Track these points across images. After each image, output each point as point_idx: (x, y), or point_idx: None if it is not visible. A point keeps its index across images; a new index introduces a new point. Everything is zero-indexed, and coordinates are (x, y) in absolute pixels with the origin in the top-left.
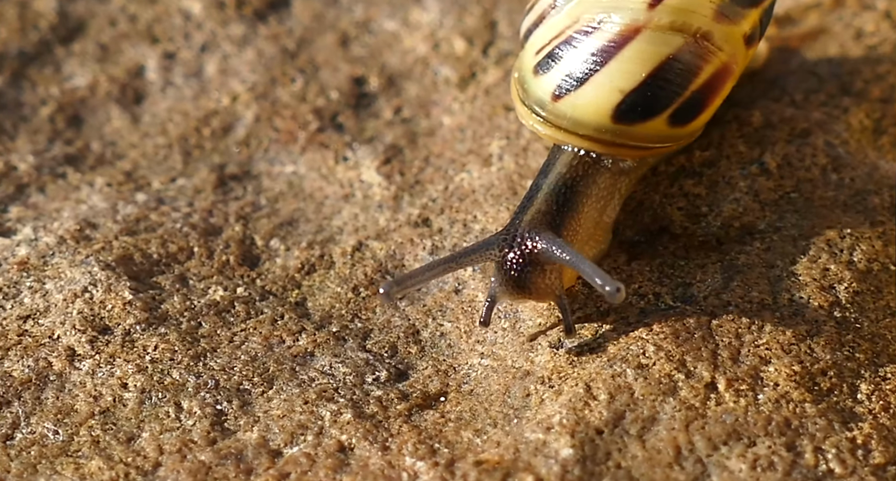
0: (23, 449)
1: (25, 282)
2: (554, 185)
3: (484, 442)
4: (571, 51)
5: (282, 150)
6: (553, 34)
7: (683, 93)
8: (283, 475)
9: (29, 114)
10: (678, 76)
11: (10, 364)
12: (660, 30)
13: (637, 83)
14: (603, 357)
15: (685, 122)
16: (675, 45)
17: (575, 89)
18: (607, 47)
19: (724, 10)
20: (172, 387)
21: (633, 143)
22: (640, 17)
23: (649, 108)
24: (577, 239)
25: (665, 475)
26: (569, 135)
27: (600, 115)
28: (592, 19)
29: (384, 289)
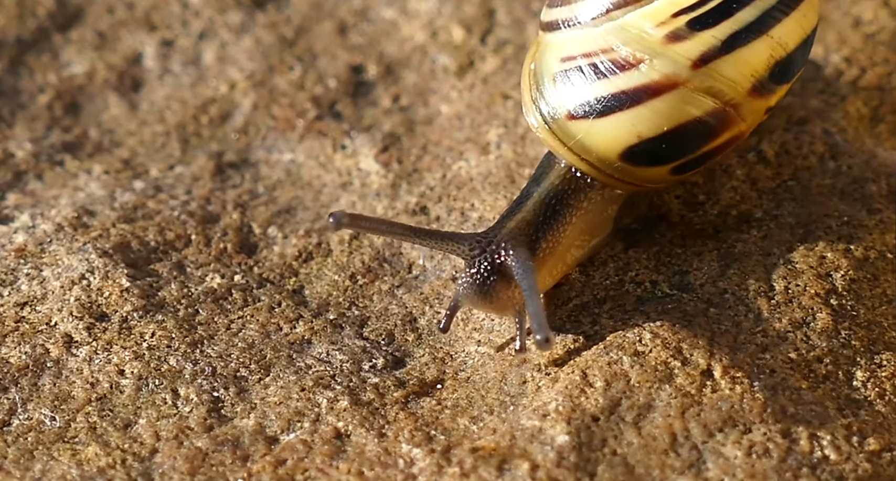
0: (20, 435)
1: (23, 269)
2: (545, 195)
3: (480, 429)
4: (602, 79)
5: (280, 138)
6: (584, 50)
7: (696, 152)
8: (279, 461)
9: (27, 101)
10: (697, 137)
11: (7, 350)
12: (695, 91)
13: (657, 133)
14: (599, 344)
15: (684, 173)
16: (704, 109)
17: (594, 118)
18: (639, 90)
19: (761, 85)
20: (169, 374)
21: (628, 180)
22: (682, 73)
23: (659, 158)
24: (555, 252)
25: (661, 461)
26: (569, 153)
27: (610, 150)
28: (631, 55)
29: (335, 217)
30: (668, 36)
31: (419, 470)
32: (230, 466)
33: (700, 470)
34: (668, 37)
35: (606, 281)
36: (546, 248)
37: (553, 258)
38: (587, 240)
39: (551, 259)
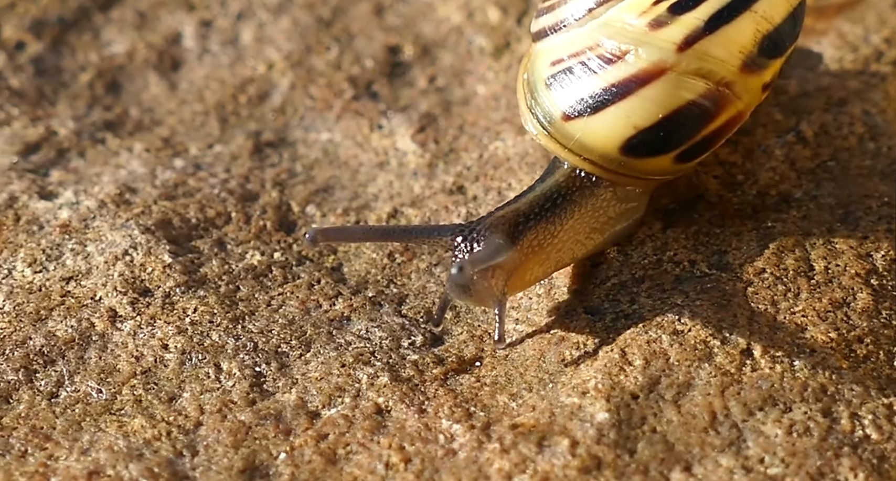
0: (67, 406)
1: (67, 244)
2: (547, 190)
3: (519, 406)
4: (591, 75)
5: (317, 118)
6: (572, 50)
7: (695, 136)
8: (321, 436)
9: (69, 80)
10: (694, 121)
11: (53, 324)
12: (685, 74)
13: (653, 122)
14: (638, 323)
15: (689, 160)
16: (697, 92)
17: (588, 115)
18: (629, 81)
19: (751, 61)
20: (212, 349)
21: (633, 174)
22: (668, 58)
23: (659, 147)
24: (546, 245)
25: (700, 439)
26: (571, 155)
27: (609, 145)
28: (616, 48)
29: (310, 235)
30: (650, 24)
31: (459, 445)
32: (273, 440)
33: (740, 449)
34: (650, 24)
35: (644, 260)
36: (534, 240)
37: (544, 251)
38: (597, 237)
39: (541, 251)
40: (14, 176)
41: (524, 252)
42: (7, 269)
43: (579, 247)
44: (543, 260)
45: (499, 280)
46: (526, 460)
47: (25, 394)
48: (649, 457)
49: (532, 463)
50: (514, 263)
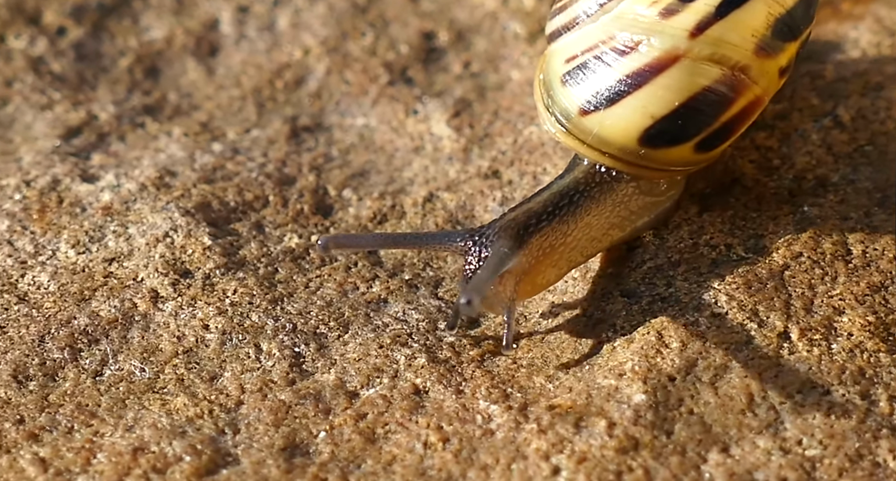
0: (112, 385)
1: (109, 226)
2: (564, 187)
3: (556, 388)
4: (605, 68)
5: (353, 103)
6: (586, 46)
7: (714, 123)
8: (360, 415)
9: (108, 65)
10: (711, 107)
11: (97, 304)
12: (699, 60)
13: (669, 110)
14: (675, 306)
15: (710, 149)
16: (712, 77)
17: (604, 108)
18: (643, 71)
19: (765, 44)
20: (252, 330)
21: (655, 166)
22: (681, 45)
23: (678, 136)
24: (559, 245)
25: (738, 421)
26: (591, 150)
27: (628, 136)
28: (629, 39)
29: (321, 243)
30: (661, 13)
31: (497, 425)
32: (313, 418)
33: (778, 431)
34: (661, 13)
35: (681, 244)
36: (544, 241)
37: (556, 252)
38: (615, 233)
39: (552, 253)
40: (57, 159)
41: (534, 255)
42: (51, 250)
43: (595, 245)
44: (556, 260)
45: (507, 285)
46: (563, 440)
47: (71, 373)
48: (686, 438)
49: (569, 444)
50: (522, 267)
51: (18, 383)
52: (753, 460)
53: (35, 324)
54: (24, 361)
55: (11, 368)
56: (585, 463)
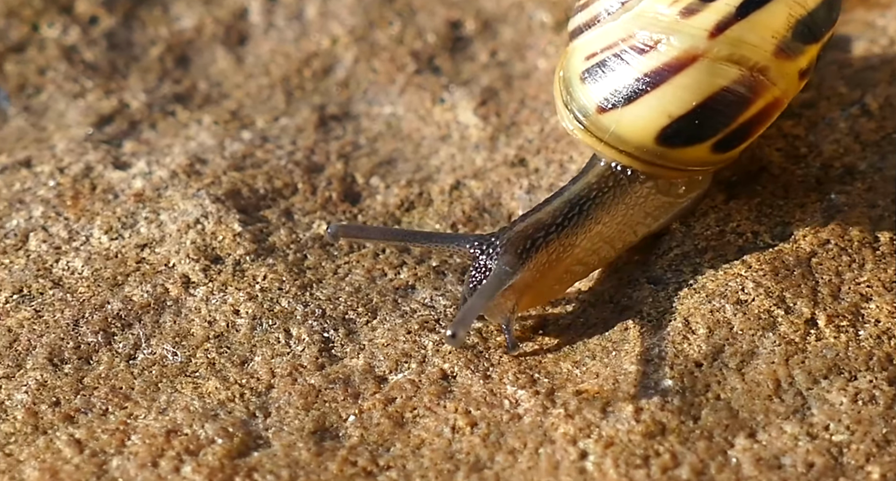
0: (145, 368)
1: (141, 212)
2: (574, 195)
3: (583, 373)
4: (623, 66)
5: (380, 92)
6: (605, 43)
7: (731, 124)
8: (389, 400)
9: (139, 53)
10: (729, 108)
11: (129, 289)
12: (717, 60)
13: (687, 110)
14: (701, 293)
15: (727, 150)
16: (731, 78)
17: (622, 106)
18: (661, 70)
19: (785, 45)
20: (282, 315)
21: (672, 166)
22: (700, 45)
23: (695, 136)
24: (557, 266)
25: (765, 407)
26: (607, 148)
27: (644, 135)
28: (649, 38)
29: (331, 230)
30: (682, 12)
31: (524, 410)
32: (342, 403)
33: (805, 416)
34: (682, 13)
35: (707, 231)
36: (552, 254)
37: (562, 264)
38: (629, 237)
39: (558, 265)
40: (89, 146)
41: (538, 269)
42: (85, 236)
43: (608, 250)
44: (562, 274)
45: (509, 299)
46: (590, 425)
47: (105, 356)
48: (713, 424)
49: (597, 429)
50: (525, 281)
51: (54, 366)
52: (780, 445)
53: (69, 308)
54: (59, 345)
55: (47, 351)
56: (612, 447)
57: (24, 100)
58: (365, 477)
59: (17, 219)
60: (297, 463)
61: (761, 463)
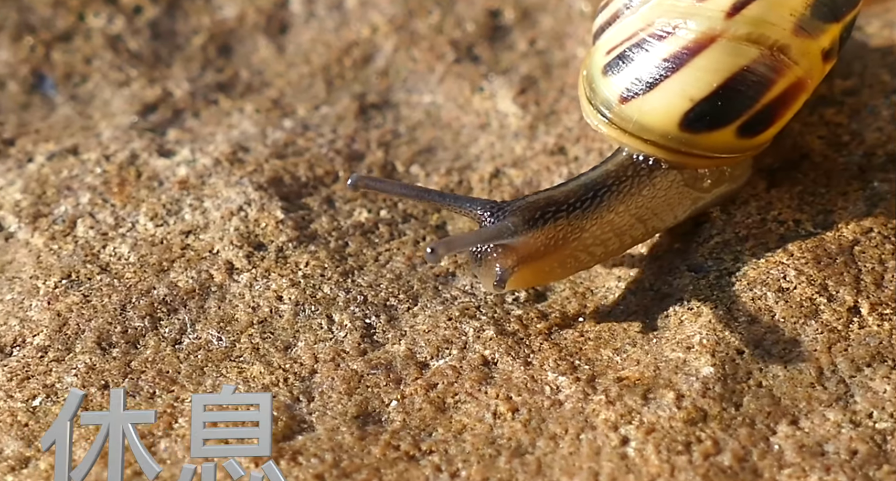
0: (191, 352)
1: (186, 200)
2: (591, 180)
3: (624, 360)
4: (643, 54)
5: (420, 81)
6: (625, 36)
7: (755, 105)
8: (430, 385)
9: (183, 43)
10: (751, 88)
11: (175, 275)
12: (736, 40)
13: (708, 92)
14: (743, 280)
15: (753, 134)
16: (751, 57)
17: (644, 93)
18: (680, 54)
19: (804, 24)
20: (324, 301)
21: (698, 152)
22: (717, 26)
23: (718, 118)
24: (563, 246)
25: (807, 394)
26: (633, 139)
27: (668, 121)
28: (667, 24)
29: (351, 181)
30: None
31: (565, 396)
32: (384, 388)
33: (848, 404)
34: None
35: (748, 219)
36: (560, 231)
37: (568, 247)
38: (647, 226)
39: (565, 246)
40: (134, 134)
41: (543, 241)
42: (131, 223)
43: (615, 243)
44: (566, 257)
45: (506, 261)
46: (632, 411)
47: (151, 340)
48: (755, 411)
49: (638, 415)
50: (529, 249)
51: (102, 350)
52: (823, 432)
53: (117, 293)
54: (107, 329)
55: (95, 335)
56: (654, 433)
57: (71, 88)
58: (407, 461)
59: (65, 206)
60: (340, 446)
61: (804, 450)
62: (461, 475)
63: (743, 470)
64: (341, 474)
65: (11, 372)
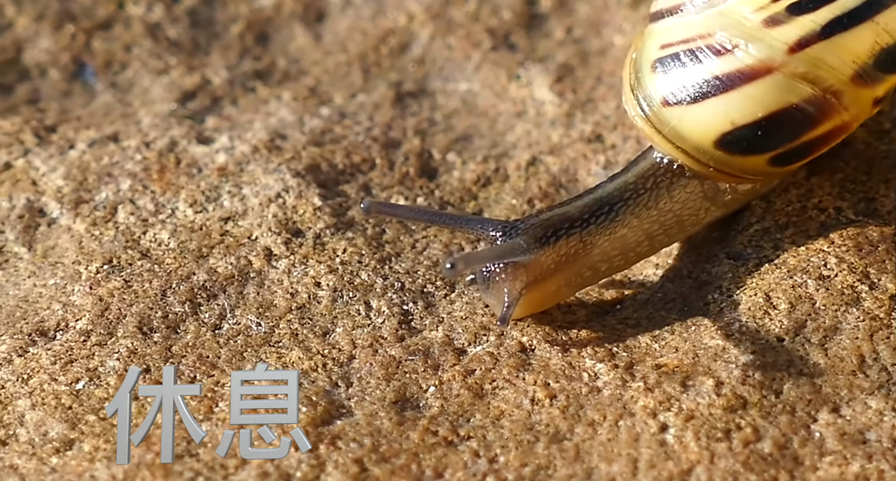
0: (230, 337)
1: (224, 186)
2: (607, 193)
3: (662, 347)
4: (696, 64)
5: (456, 69)
6: (683, 36)
7: (794, 141)
8: (468, 371)
9: (221, 31)
10: (794, 125)
11: (214, 261)
12: (791, 77)
13: (751, 121)
14: (783, 268)
15: (786, 164)
16: (802, 96)
17: (687, 104)
18: (733, 76)
19: (864, 72)
20: (362, 287)
21: (727, 170)
22: (777, 57)
23: (755, 146)
24: (573, 263)
25: (848, 382)
26: (664, 142)
27: (704, 137)
28: (728, 40)
29: (364, 205)
30: (766, 20)
31: (603, 383)
32: (422, 374)
33: (890, 392)
34: (765, 21)
35: (788, 207)
36: (570, 248)
37: (578, 262)
38: (645, 248)
39: (575, 262)
40: (173, 122)
41: (553, 259)
42: (171, 209)
43: (619, 260)
44: (572, 276)
45: (516, 281)
46: (671, 398)
47: (192, 325)
48: (796, 398)
49: (677, 402)
50: (539, 268)
51: (143, 334)
52: (865, 420)
53: (157, 278)
54: (148, 314)
55: (137, 320)
56: (693, 420)
57: (111, 76)
58: (446, 446)
59: (105, 192)
60: (379, 431)
61: (845, 438)
62: (499, 460)
63: (783, 457)
64: (380, 458)
65: (55, 355)
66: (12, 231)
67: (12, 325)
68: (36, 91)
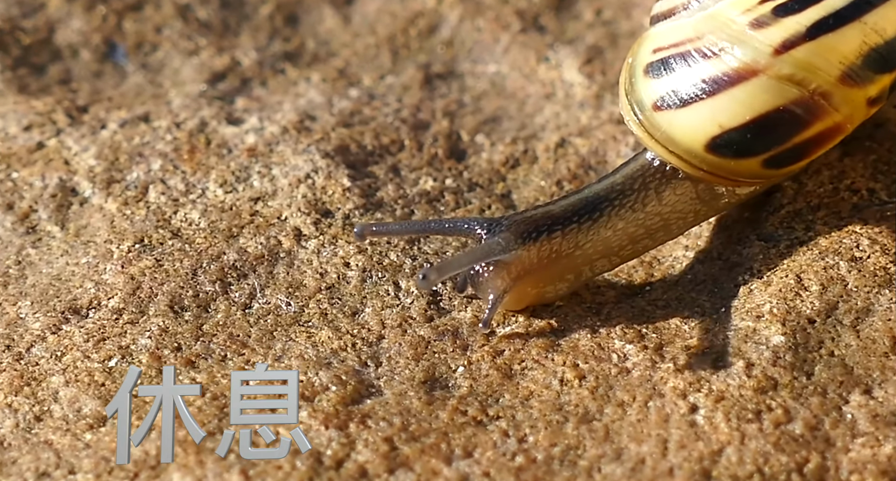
0: (260, 317)
1: (254, 167)
2: (594, 194)
3: (692, 329)
4: (685, 68)
5: (485, 51)
6: (674, 40)
7: (785, 143)
8: (497, 352)
9: (250, 12)
10: (783, 127)
11: (244, 240)
12: (777, 79)
13: (739, 124)
14: (814, 249)
15: (781, 166)
16: (789, 98)
17: (676, 108)
18: (719, 79)
19: (853, 72)
20: (391, 268)
21: (722, 174)
22: (762, 60)
23: (745, 149)
24: (556, 261)
25: (881, 363)
26: (658, 146)
27: (694, 141)
28: (715, 44)
29: (357, 231)
30: (752, 23)
31: (633, 364)
32: (451, 354)
33: None
34: (752, 23)
35: (820, 189)
36: (554, 246)
37: (561, 262)
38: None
39: (558, 261)
40: (203, 102)
41: (538, 256)
42: (201, 189)
43: (604, 263)
44: (555, 277)
45: (501, 278)
46: (700, 379)
47: (222, 305)
48: (827, 380)
49: (707, 383)
50: (524, 264)
51: (175, 313)
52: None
53: (188, 258)
54: (179, 293)
55: (168, 299)
56: (723, 401)
57: (142, 57)
58: (475, 425)
59: (137, 172)
60: (408, 410)
61: (878, 420)
62: (528, 440)
63: (815, 438)
64: (410, 438)
65: (88, 333)
66: (45, 210)
67: (45, 303)
68: (68, 71)
